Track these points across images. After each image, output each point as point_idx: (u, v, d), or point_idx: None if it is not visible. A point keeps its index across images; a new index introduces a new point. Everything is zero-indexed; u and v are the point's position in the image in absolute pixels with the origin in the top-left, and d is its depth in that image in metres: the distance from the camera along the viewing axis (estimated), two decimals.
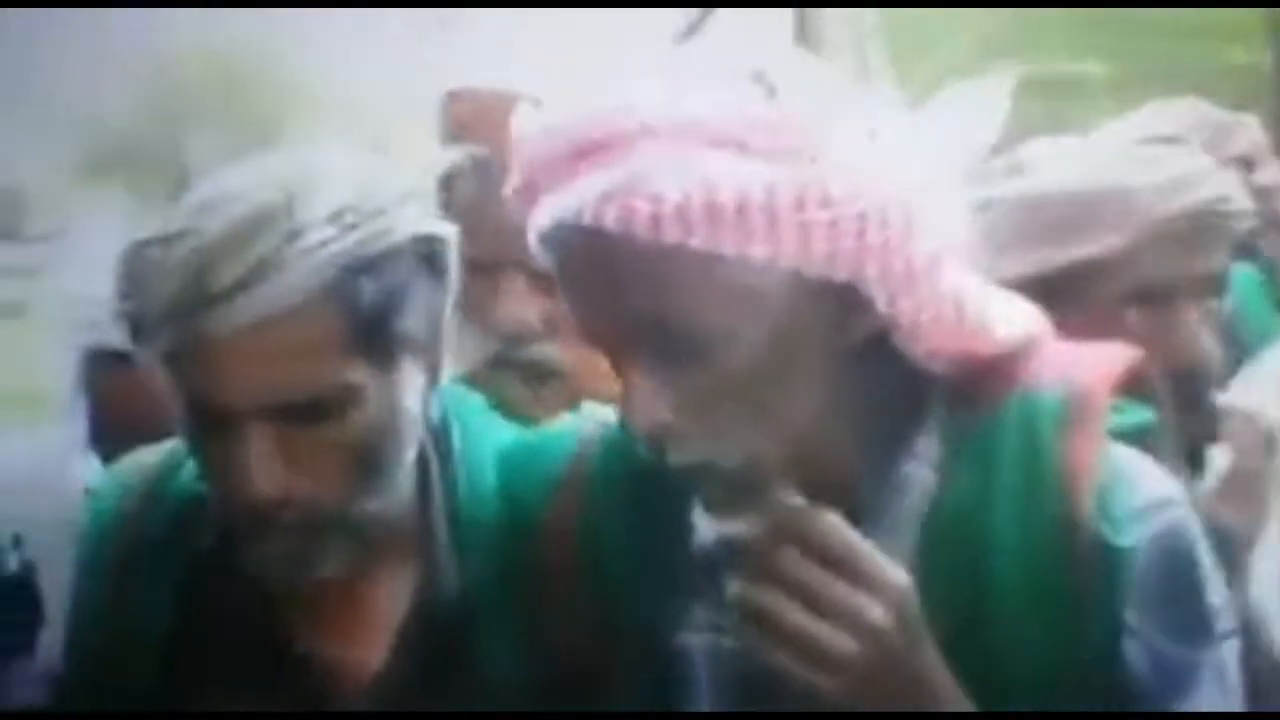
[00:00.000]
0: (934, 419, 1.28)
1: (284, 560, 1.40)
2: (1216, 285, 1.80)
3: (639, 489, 1.36)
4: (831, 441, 1.24)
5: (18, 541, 1.57)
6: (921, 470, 1.27)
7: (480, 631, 1.44)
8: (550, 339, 1.73)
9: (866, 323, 1.22)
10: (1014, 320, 1.30)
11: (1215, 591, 1.27)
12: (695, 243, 1.16)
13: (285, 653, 1.47)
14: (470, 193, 1.69)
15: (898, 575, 1.16)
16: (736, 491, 1.20)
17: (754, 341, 1.19)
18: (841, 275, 1.19)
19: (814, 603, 1.14)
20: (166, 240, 1.34)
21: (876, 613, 1.14)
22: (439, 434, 1.51)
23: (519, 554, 1.44)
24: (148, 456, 1.59)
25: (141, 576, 1.50)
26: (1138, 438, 1.29)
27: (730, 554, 1.22)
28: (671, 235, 1.15)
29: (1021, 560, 1.22)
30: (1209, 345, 1.76)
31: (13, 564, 1.57)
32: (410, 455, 1.45)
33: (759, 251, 1.16)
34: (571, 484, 1.42)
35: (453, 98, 1.84)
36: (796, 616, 1.14)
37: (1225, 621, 1.27)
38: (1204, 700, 1.23)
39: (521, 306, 1.70)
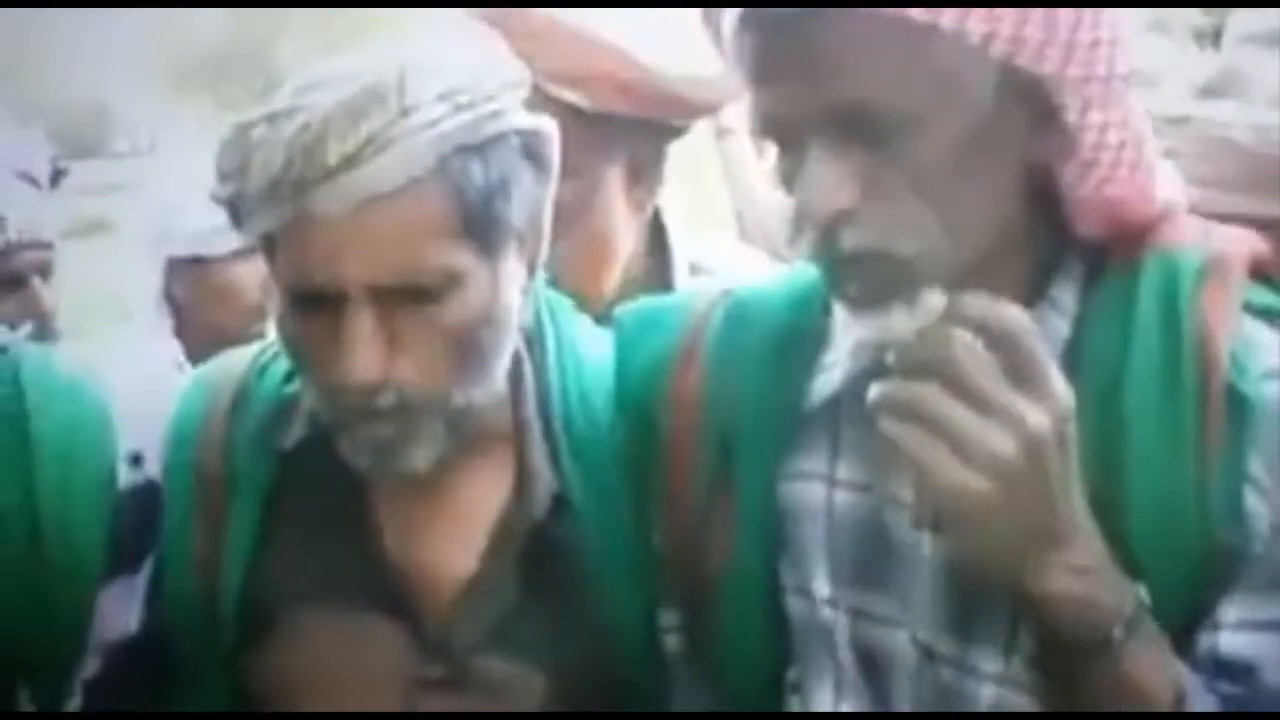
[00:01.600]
0: (1072, 271, 1.27)
1: (377, 447, 1.37)
2: None
3: (762, 349, 1.36)
4: (992, 265, 1.21)
5: (138, 460, 1.52)
6: (1057, 319, 1.26)
7: (578, 525, 1.43)
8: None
9: (1054, 138, 1.20)
10: (1168, 181, 1.29)
11: None
12: (915, 10, 1.12)
13: (376, 557, 1.45)
14: None
15: (1065, 388, 1.13)
16: (893, 285, 1.17)
17: (950, 132, 1.16)
18: (1047, 68, 1.16)
19: (977, 399, 1.10)
20: (272, 118, 1.30)
21: (1040, 419, 1.10)
22: (533, 333, 1.49)
23: (633, 432, 1.42)
24: (234, 359, 1.57)
25: (230, 478, 1.48)
26: (1263, 317, 1.27)
27: (866, 361, 1.22)
28: None
29: (1156, 406, 1.21)
30: None
31: (130, 480, 1.51)
32: (508, 347, 1.43)
33: (977, 28, 1.13)
34: (693, 351, 1.40)
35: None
36: (956, 410, 1.10)
37: None
38: None
39: None
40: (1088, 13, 1.15)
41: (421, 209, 1.31)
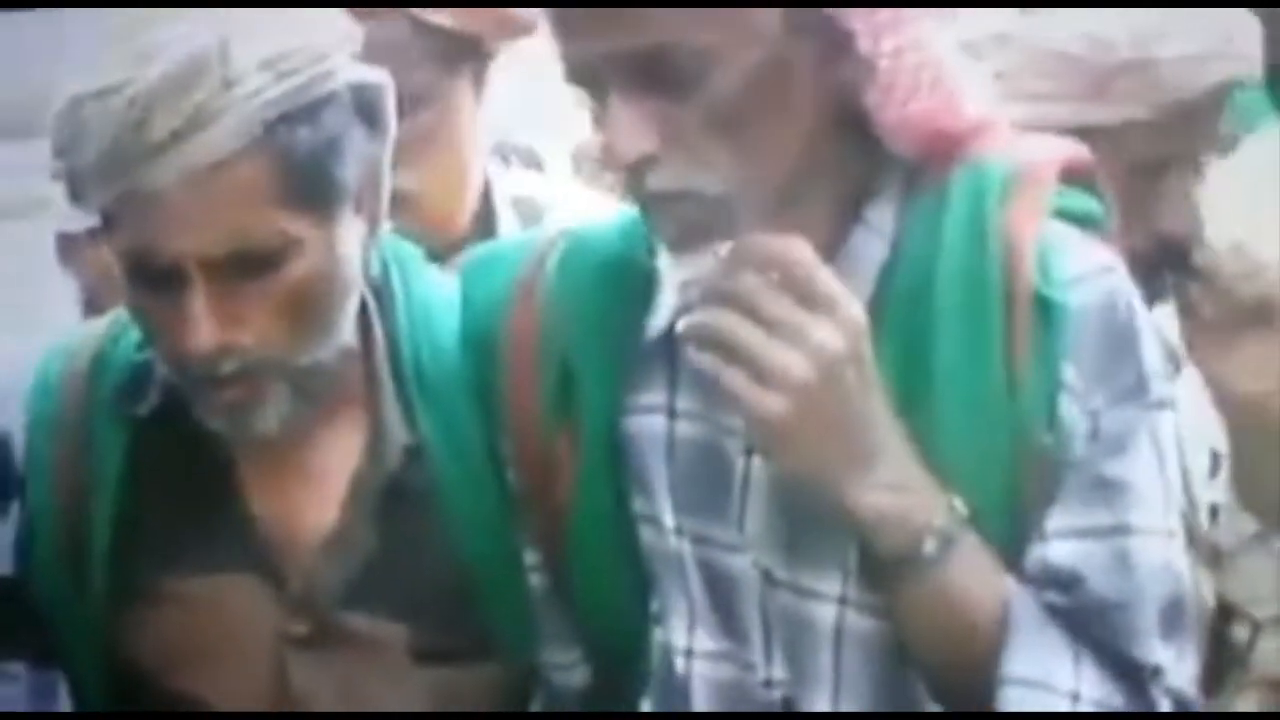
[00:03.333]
0: (886, 192, 1.30)
1: (228, 413, 1.41)
2: (1215, 151, 1.70)
3: (597, 280, 1.39)
4: (803, 193, 1.25)
5: None
6: (873, 240, 1.29)
7: (435, 475, 1.46)
8: (401, 166, 1.64)
9: (851, 65, 1.23)
10: (975, 99, 1.31)
11: (1152, 357, 1.28)
12: None
13: (239, 518, 1.48)
14: None
15: (856, 308, 1.19)
16: (707, 224, 1.22)
17: (743, 67, 1.20)
18: None
19: (771, 324, 1.16)
20: (102, 93, 1.32)
21: (832, 339, 1.16)
22: (379, 284, 1.51)
23: (478, 368, 1.45)
24: (91, 327, 1.60)
25: (89, 439, 1.51)
26: (1081, 223, 1.31)
27: (690, 298, 1.24)
28: None
29: (965, 319, 1.24)
30: (1195, 215, 1.63)
31: None
32: (352, 305, 1.46)
33: None
34: (532, 285, 1.43)
35: None
36: (752, 335, 1.16)
37: (1161, 389, 1.28)
38: (1138, 463, 1.25)
39: None
40: None
41: (249, 178, 1.34)
